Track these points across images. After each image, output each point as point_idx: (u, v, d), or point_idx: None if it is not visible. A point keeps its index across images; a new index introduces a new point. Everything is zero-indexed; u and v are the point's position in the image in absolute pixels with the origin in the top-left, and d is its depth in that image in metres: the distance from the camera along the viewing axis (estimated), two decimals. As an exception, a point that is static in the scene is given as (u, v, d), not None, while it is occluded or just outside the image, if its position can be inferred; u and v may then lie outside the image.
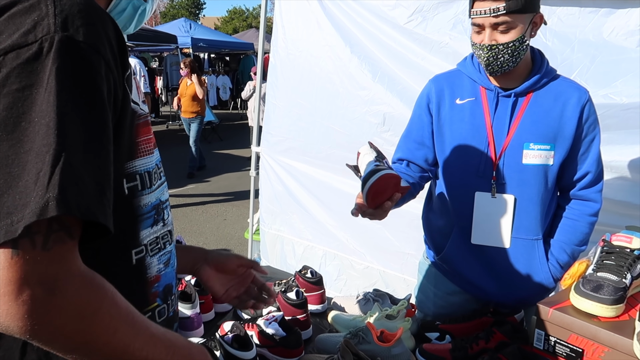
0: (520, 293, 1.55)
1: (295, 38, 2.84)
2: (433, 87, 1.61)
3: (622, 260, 1.26)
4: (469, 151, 1.52)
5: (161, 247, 0.85)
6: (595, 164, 1.50)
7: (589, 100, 1.46)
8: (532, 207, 1.49)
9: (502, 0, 1.33)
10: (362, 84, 2.60)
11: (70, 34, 0.62)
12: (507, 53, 1.39)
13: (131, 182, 0.77)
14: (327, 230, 2.91)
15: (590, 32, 2.02)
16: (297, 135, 2.93)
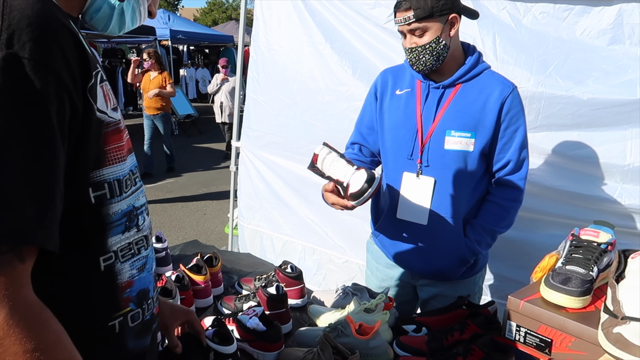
0: (438, 265, 1.71)
1: (277, 33, 2.84)
2: (380, 79, 1.80)
3: (589, 254, 1.31)
4: (401, 136, 1.69)
5: (134, 252, 0.85)
6: (517, 152, 1.62)
7: (511, 94, 1.59)
8: (452, 189, 1.64)
9: (411, 10, 1.52)
10: (343, 80, 2.61)
11: (15, 50, 0.61)
12: (427, 53, 1.56)
13: (98, 190, 0.77)
14: (307, 224, 2.93)
15: (564, 30, 2.08)
16: (278, 130, 2.94)
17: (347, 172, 1.46)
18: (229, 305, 1.67)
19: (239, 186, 3.24)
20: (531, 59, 2.11)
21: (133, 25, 0.90)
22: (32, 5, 0.65)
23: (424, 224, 1.67)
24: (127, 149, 0.83)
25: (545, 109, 2.09)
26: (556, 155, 2.15)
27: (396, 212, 1.72)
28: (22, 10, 0.63)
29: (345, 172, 1.47)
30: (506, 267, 2.34)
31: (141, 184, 0.90)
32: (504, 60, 2.15)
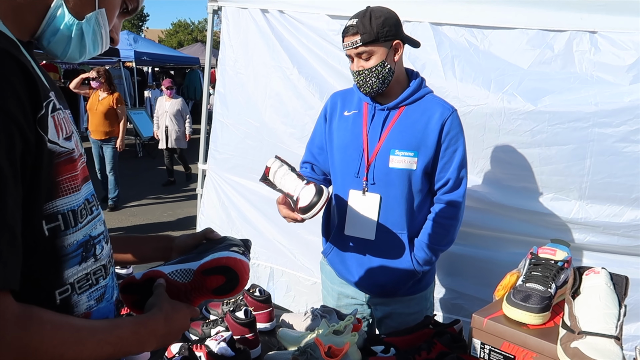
0: (385, 280, 1.77)
1: (243, 57, 2.87)
2: (330, 101, 1.90)
3: (547, 272, 1.37)
4: (349, 155, 1.76)
5: (92, 283, 0.84)
6: (457, 171, 1.72)
7: (451, 116, 1.69)
8: (397, 205, 1.72)
9: (358, 34, 1.61)
10: (310, 103, 2.66)
11: None
12: (373, 76, 1.65)
13: (52, 222, 0.75)
14: (275, 247, 2.93)
15: (518, 55, 2.20)
16: (245, 152, 2.94)
17: (297, 186, 1.53)
18: (197, 331, 1.64)
19: (202, 209, 3.21)
20: (488, 79, 2.21)
21: (95, 50, 0.88)
22: None
23: (371, 239, 1.74)
24: (81, 178, 0.82)
25: (504, 125, 2.19)
26: (517, 173, 2.24)
27: (344, 228, 1.78)
28: None
29: (295, 186, 1.53)
30: (470, 285, 2.41)
31: (99, 212, 0.88)
32: (463, 80, 2.25)
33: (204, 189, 3.19)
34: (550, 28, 2.15)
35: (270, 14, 2.75)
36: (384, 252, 1.75)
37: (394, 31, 1.64)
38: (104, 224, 0.90)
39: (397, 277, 1.76)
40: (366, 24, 1.59)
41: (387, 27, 1.61)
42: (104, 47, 0.90)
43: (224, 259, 0.94)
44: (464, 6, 2.28)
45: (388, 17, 1.63)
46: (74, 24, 0.82)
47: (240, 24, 2.85)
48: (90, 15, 0.83)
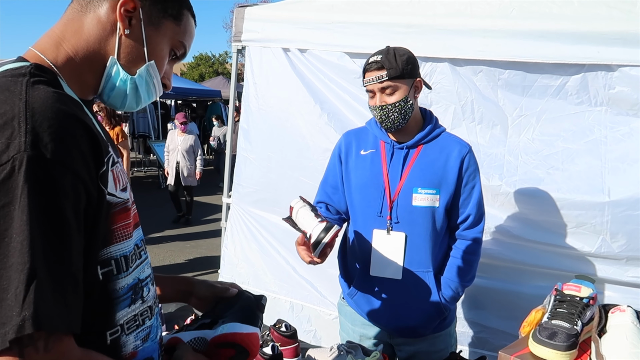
0: (413, 321, 1.75)
1: (266, 94, 2.97)
2: (343, 141, 1.90)
3: (573, 309, 1.36)
4: (369, 194, 1.76)
5: (139, 324, 0.89)
6: (476, 207, 1.73)
7: (468, 153, 1.72)
8: (421, 243, 1.71)
9: (384, 69, 1.63)
10: (331, 138, 2.71)
11: (40, 151, 0.67)
12: (396, 111, 1.67)
13: (106, 267, 0.81)
14: (296, 280, 2.95)
15: (535, 90, 2.24)
16: (268, 186, 3.01)
17: (311, 224, 1.55)
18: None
19: (226, 242, 3.26)
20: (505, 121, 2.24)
21: (149, 99, 0.95)
22: (51, 107, 0.71)
23: (398, 279, 1.72)
24: (133, 225, 0.87)
25: (522, 165, 2.21)
26: (537, 207, 2.25)
27: (369, 269, 1.76)
28: (43, 113, 0.70)
29: (310, 224, 1.56)
30: (494, 319, 2.39)
31: (147, 256, 0.94)
32: (482, 122, 2.29)
33: (227, 222, 3.26)
34: (566, 62, 2.19)
35: (291, 52, 2.85)
36: (411, 292, 1.73)
37: (416, 70, 1.69)
38: (150, 267, 0.96)
39: (427, 317, 1.75)
40: (391, 60, 1.63)
41: (410, 64, 1.66)
42: (157, 95, 0.97)
43: (232, 336, 1.00)
44: (480, 41, 2.34)
45: (410, 55, 1.69)
46: (127, 79, 0.89)
47: (263, 62, 2.96)
48: (141, 69, 0.90)
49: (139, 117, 12.08)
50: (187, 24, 0.95)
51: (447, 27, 2.36)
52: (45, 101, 0.71)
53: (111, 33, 0.86)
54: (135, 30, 0.88)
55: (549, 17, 2.16)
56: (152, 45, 0.90)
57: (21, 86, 0.72)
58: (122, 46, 0.87)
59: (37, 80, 0.75)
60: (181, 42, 0.95)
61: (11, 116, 0.68)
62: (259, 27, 2.93)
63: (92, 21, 0.86)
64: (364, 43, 2.56)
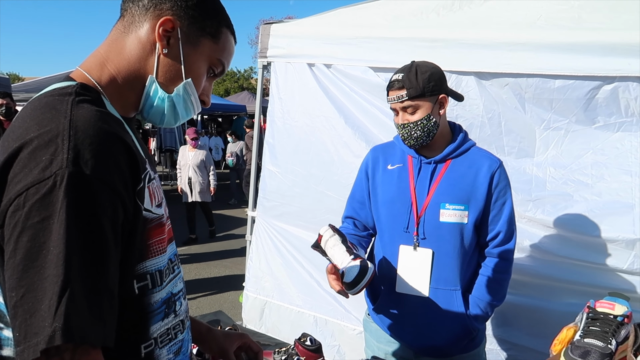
0: (440, 340, 1.70)
1: (291, 108, 3.00)
2: (370, 155, 1.89)
3: (606, 327, 1.33)
4: (396, 210, 1.74)
5: (172, 337, 0.90)
6: (507, 224, 1.68)
7: (499, 168, 1.69)
8: (449, 261, 1.67)
9: (404, 89, 1.63)
10: (356, 152, 2.73)
11: (80, 168, 0.70)
12: (419, 129, 1.65)
13: (141, 282, 0.83)
14: (320, 294, 2.94)
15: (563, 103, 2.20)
16: (292, 200, 3.02)
17: (344, 260, 1.53)
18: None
19: (251, 255, 3.28)
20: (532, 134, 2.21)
21: (188, 115, 0.97)
22: (93, 125, 0.74)
23: (424, 297, 1.69)
24: (167, 240, 0.89)
25: (551, 181, 2.17)
26: (568, 221, 2.19)
27: (395, 286, 1.73)
28: (85, 131, 0.73)
29: (343, 260, 1.54)
30: (523, 336, 2.33)
31: (179, 270, 0.96)
32: (510, 134, 2.26)
33: (252, 236, 3.28)
34: (595, 74, 2.14)
35: (316, 67, 2.88)
36: (438, 310, 1.69)
37: (439, 85, 1.66)
38: (182, 282, 0.98)
39: (453, 336, 1.70)
40: (412, 79, 1.62)
41: (432, 81, 1.63)
42: (196, 111, 0.99)
43: None
44: (507, 54, 2.31)
45: (433, 72, 1.66)
46: (165, 97, 0.92)
47: (288, 77, 3.00)
48: (178, 87, 0.92)
49: (165, 131, 12.32)
50: (225, 42, 0.96)
51: (472, 40, 2.35)
52: (89, 120, 0.75)
53: (150, 53, 0.89)
54: (174, 49, 0.90)
55: (577, 26, 2.13)
56: (189, 63, 0.92)
57: (67, 105, 0.76)
58: (160, 65, 0.90)
59: (81, 99, 0.79)
60: (219, 59, 0.97)
61: (56, 133, 0.71)
62: (284, 43, 2.98)
63: (134, 41, 0.89)
64: (389, 57, 2.57)
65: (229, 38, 0.97)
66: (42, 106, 0.77)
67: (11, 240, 0.68)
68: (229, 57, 0.99)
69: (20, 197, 0.68)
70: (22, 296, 0.66)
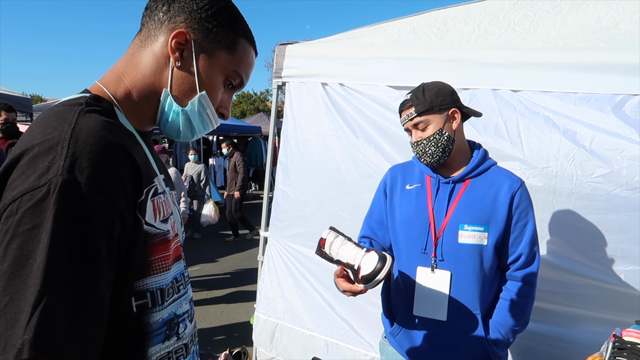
0: None
1: (304, 129, 2.99)
2: (389, 175, 1.87)
3: (634, 357, 1.25)
4: (414, 230, 1.69)
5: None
6: (529, 247, 1.62)
7: (520, 189, 1.62)
8: (468, 284, 1.61)
9: (412, 107, 1.64)
10: (368, 172, 2.70)
11: (75, 175, 0.68)
12: (432, 145, 1.64)
13: (140, 299, 0.79)
14: (332, 318, 2.87)
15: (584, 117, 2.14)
16: (305, 221, 2.98)
17: (357, 255, 1.46)
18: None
19: (262, 276, 3.24)
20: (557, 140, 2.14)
21: (205, 129, 0.95)
22: (95, 134, 0.72)
23: (442, 320, 1.63)
24: (173, 258, 0.86)
25: (577, 189, 2.09)
26: (591, 242, 2.10)
27: (412, 308, 1.68)
28: (86, 140, 0.71)
29: (355, 255, 1.46)
30: (546, 366, 2.23)
31: (186, 291, 0.91)
32: (528, 142, 2.20)
33: (265, 256, 3.24)
34: (617, 92, 2.09)
35: (329, 86, 2.88)
36: (457, 335, 1.63)
37: (448, 100, 1.65)
38: (190, 303, 0.93)
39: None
40: (419, 96, 1.64)
41: (440, 96, 1.63)
42: (214, 125, 0.97)
43: None
44: (525, 73, 2.28)
45: (441, 87, 1.66)
46: (179, 111, 0.90)
47: (302, 97, 3.00)
48: (193, 100, 0.91)
49: (181, 152, 12.46)
50: (243, 53, 0.94)
51: (490, 59, 2.32)
52: (92, 129, 0.73)
53: (165, 66, 0.88)
54: (187, 62, 0.89)
55: (597, 50, 2.09)
56: (203, 76, 0.90)
57: (73, 114, 0.75)
58: (174, 78, 0.89)
59: (91, 110, 0.78)
60: (236, 71, 0.94)
61: (57, 141, 0.70)
62: (299, 63, 2.98)
63: (149, 55, 0.88)
64: (404, 78, 2.55)
65: (247, 49, 0.95)
66: (51, 115, 0.76)
67: (2, 247, 0.66)
68: (247, 69, 0.96)
69: (14, 204, 0.67)
70: (5, 305, 0.63)
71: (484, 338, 1.61)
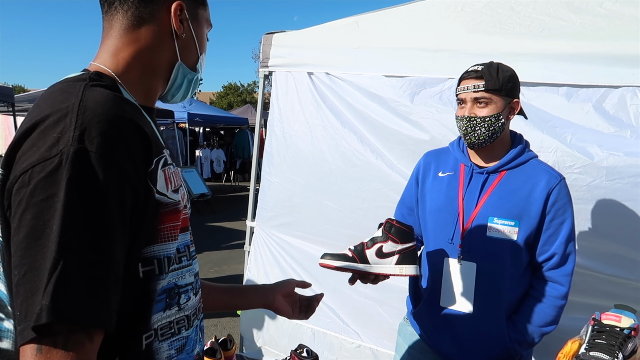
0: (474, 358, 1.60)
1: (291, 119, 2.98)
2: (423, 161, 1.81)
3: (613, 340, 1.28)
4: (442, 219, 1.66)
5: (174, 332, 0.86)
6: (563, 246, 1.55)
7: (558, 185, 1.55)
8: (495, 278, 1.57)
9: (482, 79, 1.54)
10: (354, 161, 2.70)
11: (85, 145, 0.69)
12: (484, 126, 1.55)
13: (147, 266, 0.80)
14: (318, 307, 2.84)
15: (569, 110, 2.17)
16: (291, 210, 2.98)
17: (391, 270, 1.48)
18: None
19: (249, 266, 3.23)
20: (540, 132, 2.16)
21: (191, 94, 1.03)
22: (103, 105, 0.74)
23: (466, 313, 1.60)
24: (181, 228, 0.87)
25: None
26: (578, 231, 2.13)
27: (438, 297, 1.65)
28: (94, 110, 0.72)
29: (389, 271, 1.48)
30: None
31: (189, 263, 0.91)
32: None
33: (251, 246, 3.23)
34: (599, 84, 2.12)
35: (315, 76, 2.86)
36: (479, 329, 1.58)
37: (516, 90, 1.59)
38: (194, 276, 0.94)
39: (492, 358, 1.59)
40: (493, 72, 1.54)
41: (512, 82, 1.56)
42: None
43: None
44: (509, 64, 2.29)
45: (514, 74, 1.58)
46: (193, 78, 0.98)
47: (288, 86, 2.98)
48: (199, 65, 0.98)
49: (168, 143, 12.34)
50: (207, 2, 1.01)
51: (475, 50, 2.33)
52: (99, 100, 0.75)
53: (169, 38, 0.92)
54: (187, 30, 0.94)
55: (580, 37, 2.11)
56: (198, 38, 0.97)
57: (79, 88, 0.77)
58: (181, 48, 0.93)
59: (95, 84, 0.79)
60: (209, 20, 1.02)
61: (65, 113, 0.71)
62: (285, 52, 2.97)
63: (148, 31, 0.90)
64: (391, 68, 2.56)
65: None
66: (56, 90, 0.78)
67: (15, 218, 0.68)
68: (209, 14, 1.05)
69: (25, 175, 0.68)
70: (24, 274, 0.64)
71: (507, 335, 1.58)
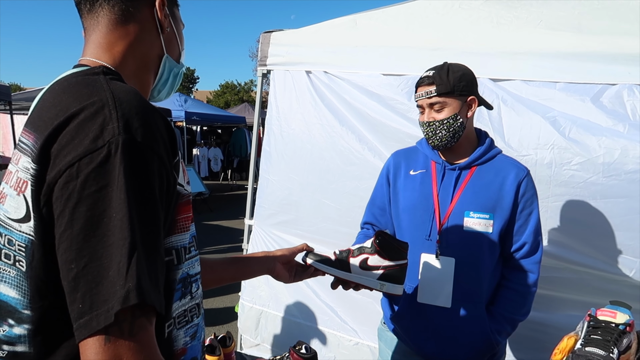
0: (460, 354, 1.63)
1: (288, 117, 2.99)
2: (392, 160, 1.84)
3: (608, 335, 1.29)
4: (418, 216, 1.68)
5: (188, 320, 0.88)
6: (532, 235, 1.62)
7: (526, 177, 1.62)
8: (473, 271, 1.61)
9: (433, 85, 1.59)
10: (352, 159, 2.71)
11: (132, 135, 0.70)
12: (444, 129, 1.60)
13: (168, 256, 0.81)
14: (316, 304, 2.90)
15: (566, 106, 2.17)
16: (289, 208, 2.99)
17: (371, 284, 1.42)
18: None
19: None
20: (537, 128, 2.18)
21: (174, 91, 1.04)
22: (134, 97, 0.76)
23: (446, 308, 1.62)
24: (191, 218, 0.89)
25: (556, 176, 2.13)
26: (569, 227, 2.15)
27: (416, 295, 1.66)
28: (129, 102, 0.74)
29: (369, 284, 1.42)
30: (523, 349, 2.28)
31: (197, 253, 0.93)
32: (510, 128, 2.24)
33: (249, 244, 3.24)
34: (595, 82, 2.13)
35: (313, 74, 2.87)
36: (460, 323, 1.62)
37: (469, 87, 1.62)
38: (199, 265, 0.95)
39: (475, 351, 1.63)
40: (443, 76, 1.58)
41: (463, 81, 1.59)
42: None
43: None
44: (507, 62, 2.31)
45: (465, 72, 1.62)
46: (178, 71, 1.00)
47: (286, 85, 2.99)
48: (182, 58, 1.01)
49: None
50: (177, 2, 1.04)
51: (472, 49, 2.35)
52: (128, 92, 0.76)
53: (155, 33, 0.94)
54: (169, 25, 0.97)
55: (578, 33, 2.12)
56: (177, 33, 1.00)
57: (102, 81, 0.78)
58: (166, 42, 0.96)
59: (111, 78, 0.81)
60: (182, 20, 1.04)
61: (101, 105, 0.72)
62: (284, 51, 2.97)
63: (136, 26, 0.92)
64: (388, 66, 2.57)
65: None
66: (74, 84, 0.78)
67: (66, 212, 0.67)
68: None
69: (72, 168, 0.68)
70: (85, 266, 0.64)
71: (487, 325, 1.61)
